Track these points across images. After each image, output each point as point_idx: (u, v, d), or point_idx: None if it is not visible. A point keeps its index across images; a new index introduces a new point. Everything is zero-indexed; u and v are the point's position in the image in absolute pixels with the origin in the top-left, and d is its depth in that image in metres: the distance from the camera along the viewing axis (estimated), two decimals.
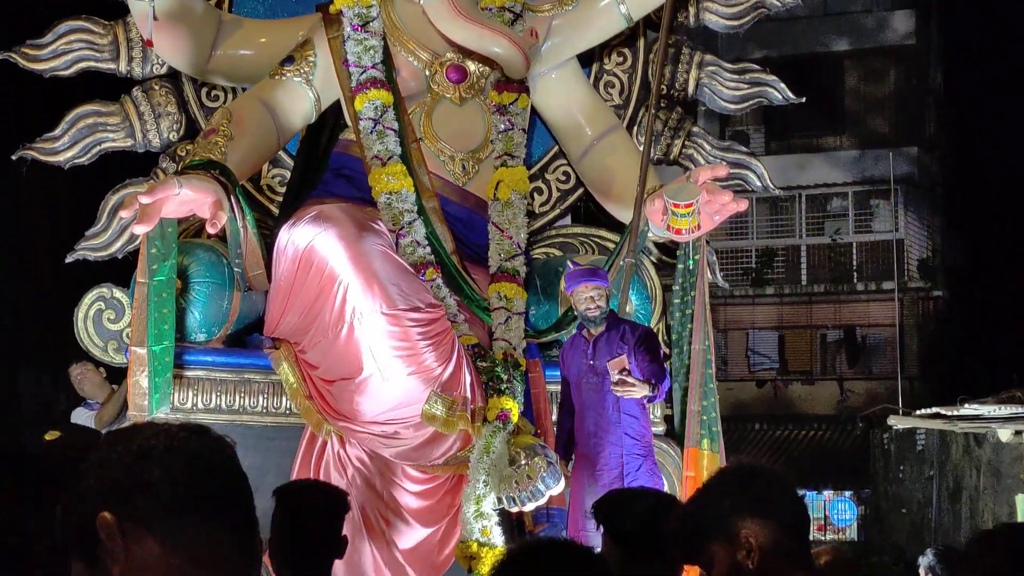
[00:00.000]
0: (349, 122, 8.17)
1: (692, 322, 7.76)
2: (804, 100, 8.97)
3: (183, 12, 8.14)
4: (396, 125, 7.99)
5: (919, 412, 16.13)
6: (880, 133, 27.47)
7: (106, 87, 8.93)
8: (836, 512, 23.33)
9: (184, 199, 6.85)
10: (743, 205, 7.49)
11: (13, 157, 8.52)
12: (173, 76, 8.74)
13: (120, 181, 8.63)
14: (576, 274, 7.22)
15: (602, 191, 8.60)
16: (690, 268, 7.82)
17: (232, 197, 7.19)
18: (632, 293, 7.80)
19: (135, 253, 7.56)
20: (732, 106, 9.10)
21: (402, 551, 7.32)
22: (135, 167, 8.88)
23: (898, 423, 17.33)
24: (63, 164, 8.63)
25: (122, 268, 8.25)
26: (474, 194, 8.24)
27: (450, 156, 8.25)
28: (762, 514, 2.75)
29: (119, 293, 8.01)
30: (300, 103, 8.07)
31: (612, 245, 8.31)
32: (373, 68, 8.05)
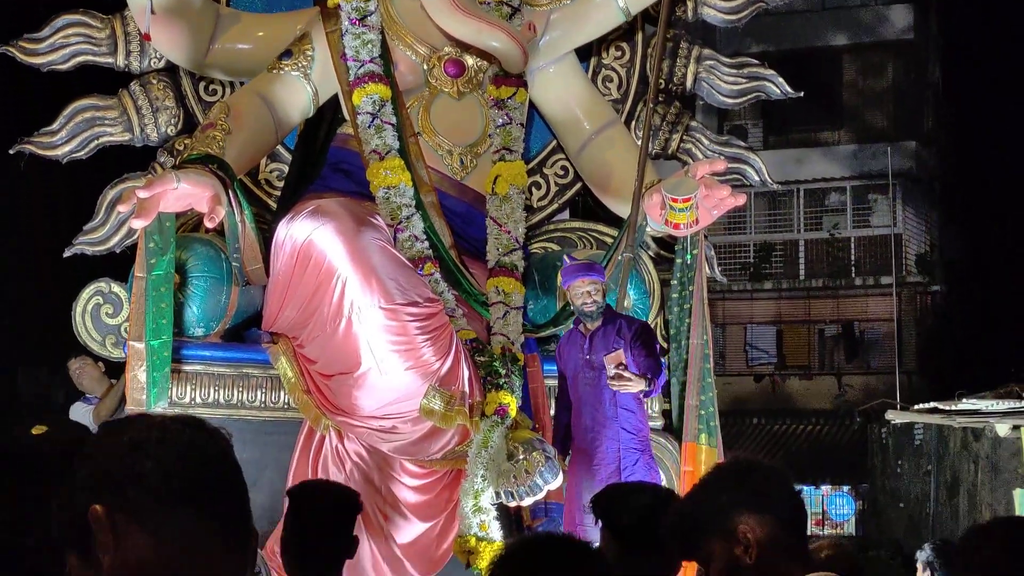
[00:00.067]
0: (347, 116, 8.16)
1: (690, 317, 7.76)
2: (802, 94, 8.97)
3: (181, 6, 8.13)
4: (394, 119, 7.99)
5: (917, 407, 16.13)
6: (878, 128, 27.47)
7: (104, 81, 8.91)
8: (834, 507, 23.37)
9: (182, 193, 6.84)
10: (741, 199, 7.49)
11: (11, 151, 8.51)
12: (171, 70, 8.73)
13: (118, 175, 8.63)
14: (572, 269, 7.22)
15: (600, 185, 8.60)
16: (688, 262, 7.81)
17: (230, 191, 7.18)
18: (630, 288, 7.79)
19: (133, 247, 7.55)
20: (730, 100, 9.10)
21: (400, 545, 7.32)
22: (133, 161, 8.87)
23: (896, 418, 17.33)
24: (61, 158, 8.62)
25: (120, 262, 8.25)
26: (472, 188, 8.23)
27: (448, 150, 8.24)
28: (760, 509, 2.75)
29: (117, 287, 8.00)
30: (298, 97, 8.06)
31: (610, 239, 8.31)
32: (371, 62, 8.04)
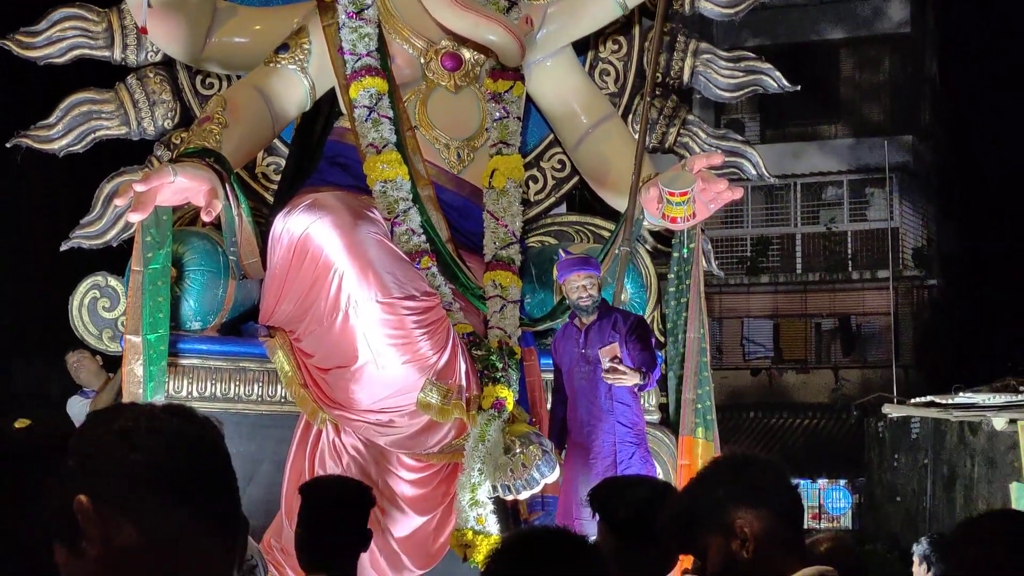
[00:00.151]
0: (344, 110, 8.15)
1: (687, 310, 7.76)
2: (799, 88, 8.98)
3: (177, 0, 8.13)
4: (391, 113, 7.98)
5: (914, 401, 16.12)
6: (875, 121, 27.47)
7: (100, 75, 8.90)
8: (831, 500, 23.38)
9: (179, 187, 6.84)
10: (738, 193, 7.49)
11: (8, 145, 8.50)
12: (168, 64, 8.72)
13: (115, 169, 8.62)
14: (568, 263, 7.22)
15: (597, 179, 8.59)
16: (685, 256, 7.81)
17: (227, 185, 7.17)
18: (627, 281, 7.79)
19: (130, 241, 7.55)
20: (727, 94, 9.10)
21: (397, 539, 7.32)
22: (130, 155, 8.86)
23: (893, 411, 17.33)
24: (57, 152, 8.61)
25: (117, 256, 8.24)
26: (469, 182, 8.23)
27: (445, 144, 8.23)
28: (756, 503, 2.75)
29: (114, 281, 7.99)
30: (295, 91, 8.05)
31: (607, 233, 8.30)
32: (368, 56, 8.03)
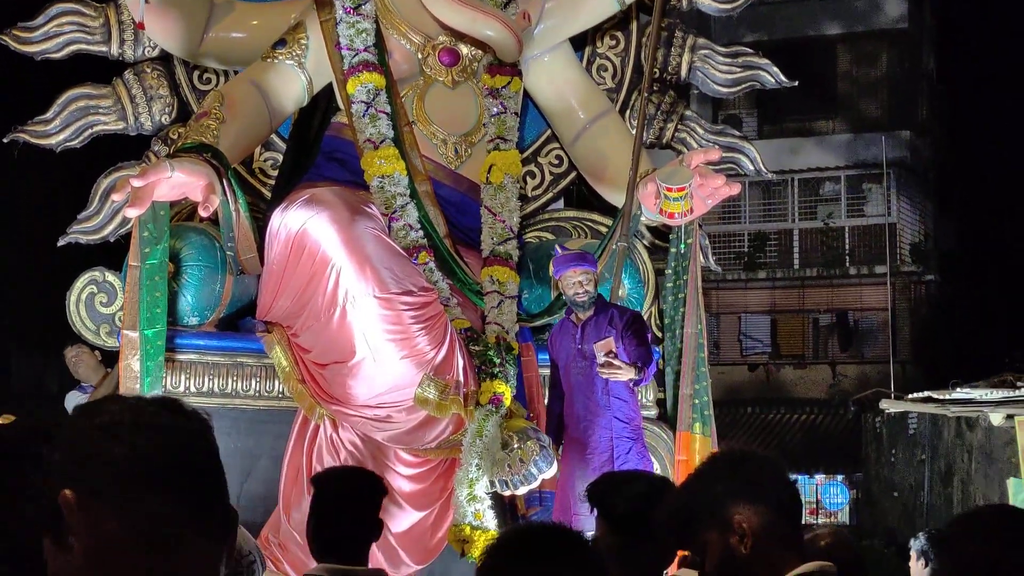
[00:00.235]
0: (341, 105, 8.15)
1: (684, 306, 7.76)
2: (797, 84, 8.99)
3: None
4: (388, 108, 7.98)
5: (911, 396, 16.13)
6: (872, 117, 27.47)
7: (98, 70, 8.89)
8: (828, 496, 23.39)
9: (176, 182, 6.84)
10: (736, 189, 7.50)
11: (5, 140, 8.49)
12: (165, 59, 8.71)
13: (112, 164, 8.61)
14: (564, 259, 7.22)
15: (595, 175, 8.59)
16: (682, 252, 7.81)
17: (224, 180, 7.18)
18: (625, 277, 7.79)
19: (127, 236, 7.55)
20: (725, 90, 9.09)
21: (395, 534, 7.32)
22: (127, 150, 8.86)
23: (890, 407, 17.32)
24: (55, 147, 8.60)
25: (114, 251, 8.24)
26: (467, 177, 8.22)
27: (443, 139, 8.23)
28: (754, 499, 2.74)
29: (111, 276, 7.98)
30: (292, 86, 8.05)
31: (605, 229, 8.30)
32: (365, 51, 8.03)
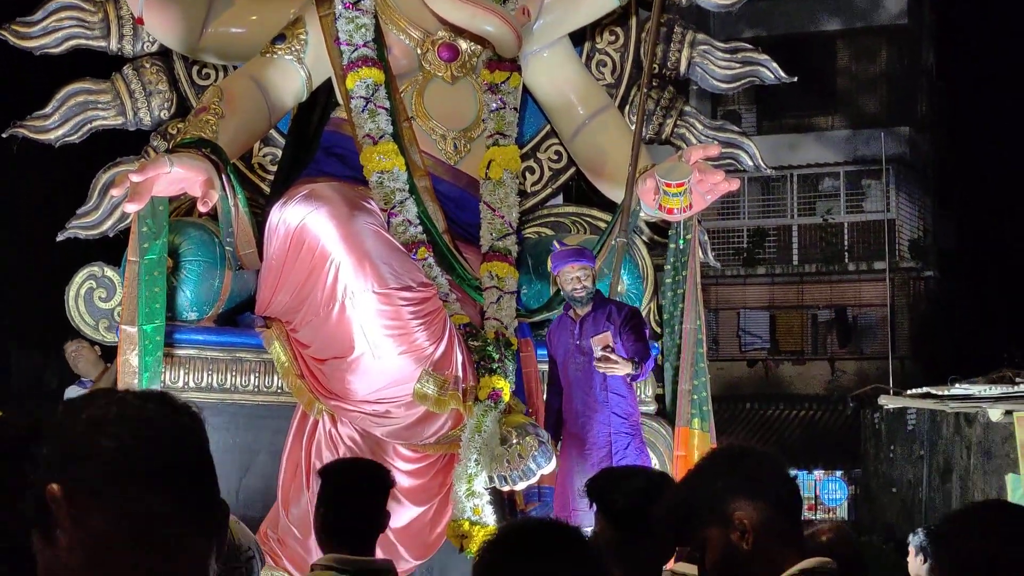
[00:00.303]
0: (340, 101, 8.14)
1: (683, 302, 7.76)
2: (796, 80, 8.97)
3: None
4: (387, 104, 7.97)
5: (910, 392, 16.15)
6: (872, 113, 27.47)
7: (97, 65, 8.88)
8: (827, 492, 23.40)
9: (175, 177, 6.83)
10: (735, 185, 7.50)
11: (4, 135, 8.48)
12: (164, 54, 8.70)
13: (111, 159, 8.61)
14: (562, 254, 7.22)
15: (594, 170, 8.59)
16: (681, 247, 7.81)
17: (223, 175, 7.17)
18: (624, 273, 7.79)
19: (126, 232, 7.54)
20: (724, 85, 9.09)
21: (394, 530, 7.31)
22: (126, 145, 8.85)
23: (889, 403, 17.34)
24: (54, 142, 8.59)
25: (113, 246, 8.23)
26: (466, 173, 8.22)
27: (442, 135, 8.23)
28: (754, 495, 2.74)
29: (110, 272, 7.97)
30: (291, 81, 8.04)
31: (604, 224, 8.30)
32: (364, 46, 8.02)
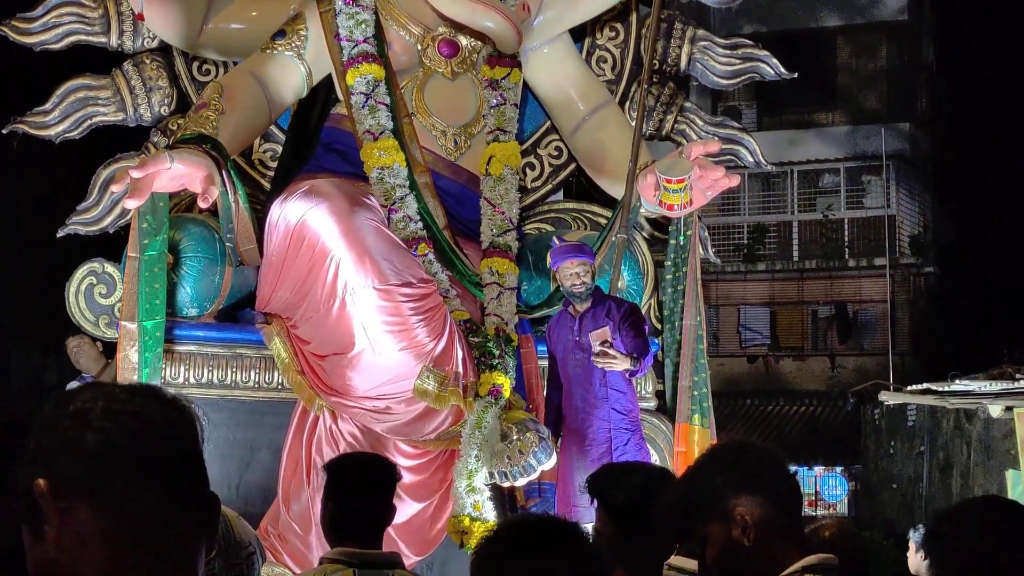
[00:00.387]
0: (341, 96, 8.14)
1: (684, 298, 7.76)
2: (796, 76, 8.98)
3: None
4: (388, 100, 7.97)
5: (910, 388, 16.14)
6: (872, 109, 27.46)
7: (97, 61, 8.88)
8: (827, 488, 23.40)
9: (175, 173, 6.83)
10: (735, 181, 7.50)
11: (4, 131, 8.48)
12: (164, 50, 8.69)
13: (111, 155, 8.60)
14: (561, 250, 7.23)
15: (594, 166, 8.59)
16: (682, 244, 7.81)
17: (223, 171, 7.17)
18: (624, 269, 7.79)
19: (126, 228, 7.53)
20: (724, 81, 9.09)
21: (394, 526, 7.24)
22: (126, 141, 8.85)
23: (889, 399, 17.35)
24: (54, 138, 8.59)
25: (113, 243, 8.23)
26: (466, 169, 8.22)
27: (442, 131, 8.22)
28: (755, 491, 2.74)
29: (110, 268, 7.97)
30: (291, 77, 8.04)
31: (604, 220, 8.30)
32: (365, 42, 8.01)
